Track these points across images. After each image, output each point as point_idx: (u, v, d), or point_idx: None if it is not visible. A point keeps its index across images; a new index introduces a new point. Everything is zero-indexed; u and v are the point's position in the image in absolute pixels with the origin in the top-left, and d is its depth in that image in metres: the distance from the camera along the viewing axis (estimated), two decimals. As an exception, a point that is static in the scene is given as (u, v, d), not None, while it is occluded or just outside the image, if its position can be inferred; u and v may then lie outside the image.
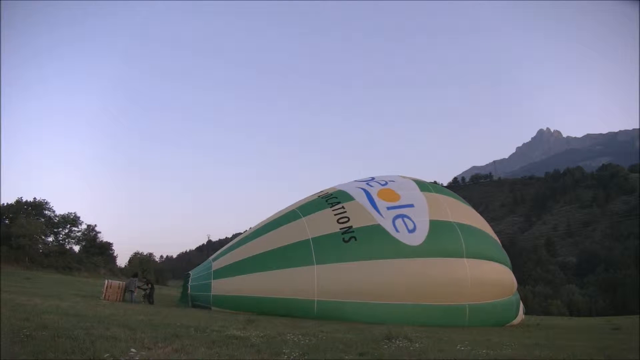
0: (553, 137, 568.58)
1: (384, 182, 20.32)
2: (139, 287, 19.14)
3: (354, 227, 17.08)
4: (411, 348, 8.11)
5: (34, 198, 52.32)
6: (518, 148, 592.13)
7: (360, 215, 17.62)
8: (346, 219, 17.40)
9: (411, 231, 17.48)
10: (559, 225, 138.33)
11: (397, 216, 17.88)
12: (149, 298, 18.68)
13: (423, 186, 20.78)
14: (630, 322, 27.34)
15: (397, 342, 8.61)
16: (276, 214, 19.68)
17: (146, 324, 8.80)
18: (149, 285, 19.43)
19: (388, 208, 18.21)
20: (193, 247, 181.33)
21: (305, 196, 21.08)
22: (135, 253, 65.35)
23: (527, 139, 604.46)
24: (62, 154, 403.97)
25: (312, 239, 16.70)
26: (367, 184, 20.18)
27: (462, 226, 18.72)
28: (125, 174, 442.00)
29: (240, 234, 21.78)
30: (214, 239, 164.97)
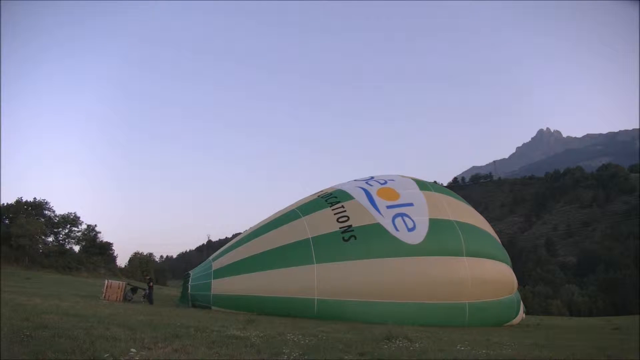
0: (553, 137, 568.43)
1: (383, 181, 20.32)
2: (139, 288, 19.22)
3: (353, 226, 17.07)
4: (411, 348, 8.10)
5: (34, 198, 52.48)
6: (518, 148, 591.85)
7: (359, 214, 17.62)
8: (346, 218, 17.39)
9: (411, 230, 17.48)
10: (559, 225, 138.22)
11: (397, 215, 17.88)
12: (148, 298, 18.70)
13: (423, 185, 20.78)
14: (630, 322, 27.38)
15: (397, 342, 8.61)
16: (276, 213, 19.68)
17: (146, 324, 8.79)
18: (151, 285, 19.46)
19: (388, 207, 18.20)
20: (193, 247, 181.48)
21: (305, 196, 21.11)
22: (135, 253, 65.48)
23: (527, 139, 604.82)
24: (62, 154, 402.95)
25: (312, 238, 16.70)
26: (367, 183, 20.17)
27: (462, 225, 18.72)
28: (125, 174, 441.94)
29: (240, 234, 21.77)
30: (214, 239, 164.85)
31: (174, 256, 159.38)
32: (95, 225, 57.20)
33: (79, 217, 54.16)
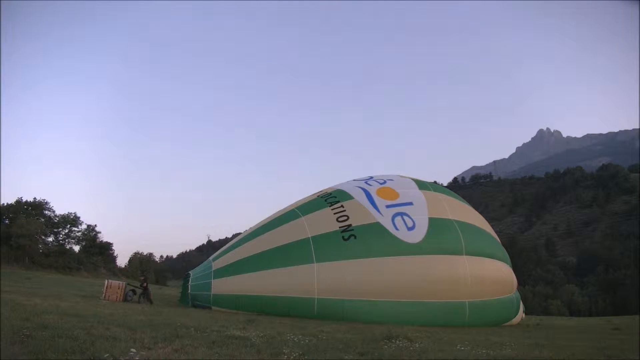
0: (553, 137, 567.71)
1: (382, 181, 20.36)
2: (137, 287, 19.18)
3: (353, 225, 17.09)
4: (411, 348, 8.11)
5: (34, 198, 52.34)
6: (518, 148, 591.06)
7: (359, 214, 17.64)
8: (345, 218, 17.41)
9: (410, 229, 17.50)
10: (559, 225, 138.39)
11: (397, 214, 17.90)
12: (147, 298, 18.66)
13: (422, 185, 20.82)
14: (630, 322, 27.39)
15: (397, 342, 8.62)
16: (275, 213, 19.70)
17: (146, 324, 8.79)
18: (145, 285, 19.40)
19: (387, 206, 18.23)
20: (193, 247, 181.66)
21: (305, 196, 21.12)
22: (135, 253, 65.61)
23: (527, 139, 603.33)
24: (62, 154, 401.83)
25: (311, 237, 16.72)
26: (366, 182, 20.21)
27: (462, 224, 18.75)
28: (125, 174, 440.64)
29: (240, 234, 21.78)
30: (214, 239, 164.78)
31: (174, 256, 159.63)
32: (95, 225, 57.19)
33: (79, 217, 54.16)
